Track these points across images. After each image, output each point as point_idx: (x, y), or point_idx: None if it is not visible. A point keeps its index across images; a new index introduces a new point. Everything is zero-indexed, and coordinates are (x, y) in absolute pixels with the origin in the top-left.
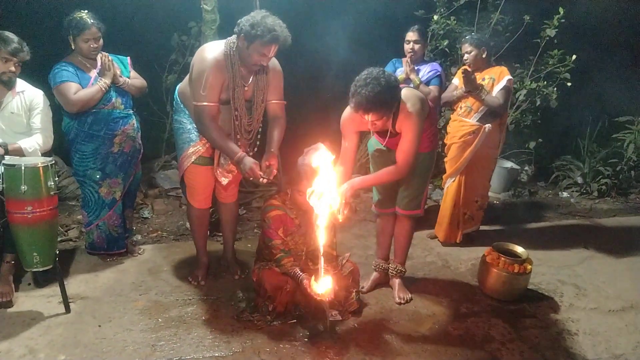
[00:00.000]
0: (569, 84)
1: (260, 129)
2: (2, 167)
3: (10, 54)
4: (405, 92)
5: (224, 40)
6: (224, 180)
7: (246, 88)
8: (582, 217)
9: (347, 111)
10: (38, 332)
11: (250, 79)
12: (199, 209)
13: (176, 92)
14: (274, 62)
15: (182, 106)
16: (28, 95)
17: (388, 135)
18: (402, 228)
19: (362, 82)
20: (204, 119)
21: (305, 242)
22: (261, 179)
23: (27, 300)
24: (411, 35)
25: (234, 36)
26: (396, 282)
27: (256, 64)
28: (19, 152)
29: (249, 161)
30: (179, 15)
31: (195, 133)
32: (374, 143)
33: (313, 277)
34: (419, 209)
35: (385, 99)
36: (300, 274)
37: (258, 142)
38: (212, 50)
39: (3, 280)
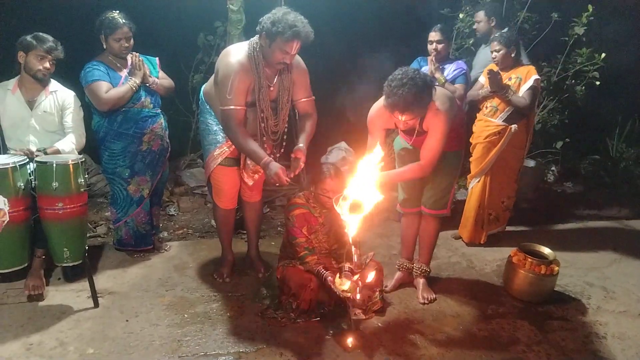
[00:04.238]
0: (597, 83)
1: (286, 129)
2: (35, 164)
3: (45, 52)
4: (435, 91)
5: (247, 42)
6: (250, 181)
7: (271, 88)
8: (611, 219)
9: (375, 108)
10: (68, 325)
11: (275, 79)
12: (224, 209)
13: (201, 92)
14: (298, 60)
15: (207, 107)
16: (60, 95)
17: (415, 134)
18: (427, 228)
19: (398, 82)
20: (231, 123)
21: (329, 240)
22: (286, 182)
23: (57, 294)
24: (434, 36)
25: (257, 36)
26: (420, 282)
27: (280, 62)
28: (57, 154)
29: (275, 166)
30: (205, 15)
31: (222, 134)
32: (401, 142)
33: (337, 275)
34: (446, 208)
35: (422, 100)
36: (324, 272)
37: (284, 143)
38: (236, 53)
39: (35, 275)
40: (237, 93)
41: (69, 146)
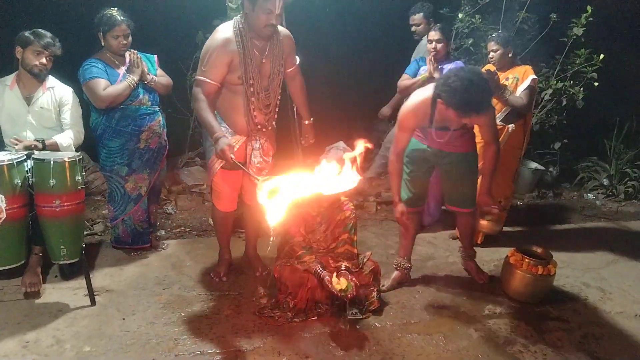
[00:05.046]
0: (596, 83)
1: (278, 101)
2: (32, 162)
3: (42, 47)
4: None
5: (234, 19)
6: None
7: (264, 60)
8: (608, 220)
9: (412, 106)
10: (64, 323)
11: (267, 51)
12: (224, 211)
13: None
14: (283, 30)
15: None
16: (58, 91)
17: (451, 130)
18: (466, 223)
19: (466, 82)
20: (198, 93)
21: (326, 239)
22: (233, 162)
23: (54, 292)
24: (433, 35)
25: (241, 12)
26: (472, 265)
27: (267, 25)
28: (55, 147)
29: (223, 143)
30: (204, 13)
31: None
32: (414, 143)
33: (334, 275)
34: (475, 205)
35: (490, 96)
36: (322, 271)
37: (276, 115)
38: (223, 30)
39: (31, 272)
40: (212, 66)
41: (67, 140)
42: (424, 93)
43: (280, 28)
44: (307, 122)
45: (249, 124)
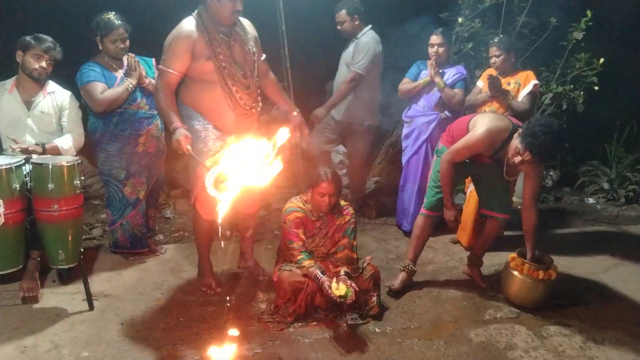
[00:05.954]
0: (596, 87)
1: (258, 83)
2: (30, 166)
3: (43, 51)
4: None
5: (195, 12)
6: None
7: (232, 43)
8: (609, 224)
9: (488, 135)
10: (62, 328)
11: (233, 34)
12: (209, 220)
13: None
14: (243, 19)
15: (190, 110)
16: (58, 96)
17: (505, 166)
18: (496, 230)
19: (554, 129)
20: (157, 83)
21: (326, 244)
22: (187, 151)
23: (52, 296)
24: (435, 39)
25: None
26: (476, 272)
27: (234, 12)
28: (56, 151)
29: (179, 133)
30: None
31: (212, 141)
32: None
33: (334, 280)
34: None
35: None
36: (321, 275)
37: (259, 98)
38: (185, 22)
39: (29, 276)
40: (171, 54)
41: (67, 144)
42: (502, 123)
43: (244, 21)
44: (294, 113)
45: (236, 107)
